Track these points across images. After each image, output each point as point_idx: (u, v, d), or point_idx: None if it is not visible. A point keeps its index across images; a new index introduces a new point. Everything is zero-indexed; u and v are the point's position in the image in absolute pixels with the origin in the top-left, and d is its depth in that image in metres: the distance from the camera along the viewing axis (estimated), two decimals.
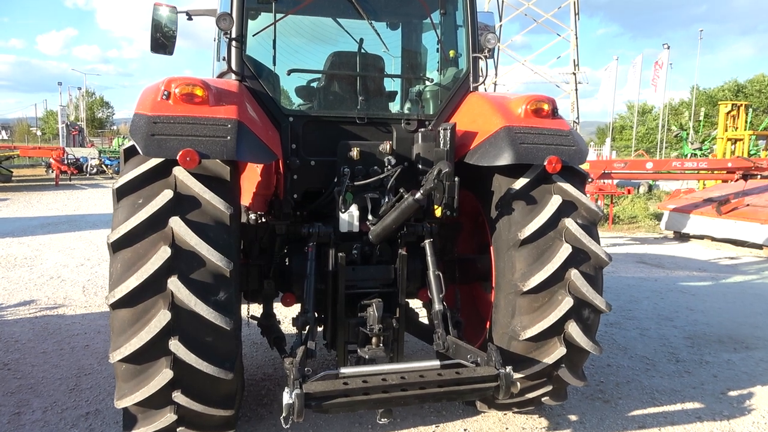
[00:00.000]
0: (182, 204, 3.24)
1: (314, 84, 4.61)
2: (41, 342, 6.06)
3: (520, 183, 3.85)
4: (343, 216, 4.00)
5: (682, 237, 14.61)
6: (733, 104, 21.47)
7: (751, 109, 22.12)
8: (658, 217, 17.17)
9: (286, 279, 4.26)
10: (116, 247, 3.16)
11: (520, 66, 26.46)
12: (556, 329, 3.75)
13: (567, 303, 3.70)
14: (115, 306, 3.11)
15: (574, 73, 23.70)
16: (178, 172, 3.27)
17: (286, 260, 4.34)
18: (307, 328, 3.64)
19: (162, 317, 3.07)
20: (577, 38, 23.10)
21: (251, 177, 4.53)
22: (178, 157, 3.13)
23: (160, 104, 3.38)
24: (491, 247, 4.18)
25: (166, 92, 3.41)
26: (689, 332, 6.89)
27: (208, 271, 3.20)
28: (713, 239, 13.78)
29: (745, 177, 13.44)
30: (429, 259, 4.00)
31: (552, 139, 3.88)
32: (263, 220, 4.42)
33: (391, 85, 4.74)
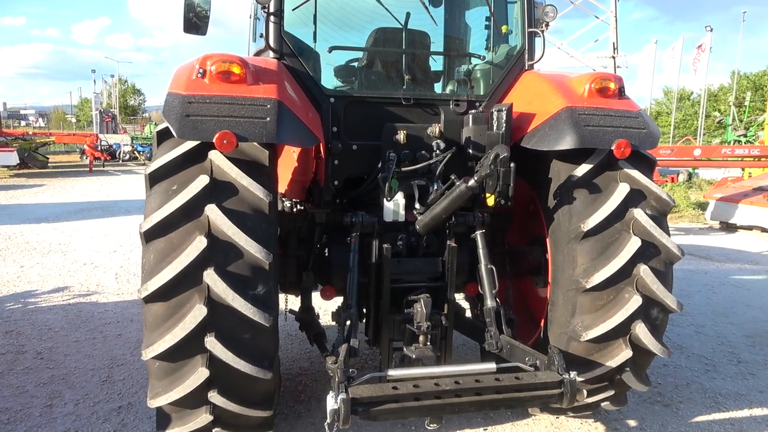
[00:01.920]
0: (219, 191, 3.01)
1: (356, 62, 4.32)
2: (74, 330, 5.96)
3: (582, 169, 3.51)
4: (388, 204, 3.72)
5: (729, 227, 13.93)
6: None
7: None
8: (701, 206, 16.44)
9: (326, 271, 4.01)
10: (149, 236, 2.94)
11: (555, 50, 25.63)
12: (622, 330, 3.42)
13: (635, 302, 3.37)
14: (148, 300, 2.90)
15: (614, 57, 22.83)
16: (215, 156, 3.04)
17: (326, 251, 4.08)
18: (350, 324, 3.39)
19: (198, 312, 2.85)
20: (616, 20, 22.24)
21: (287, 162, 4.29)
22: (214, 140, 2.89)
23: (195, 83, 3.14)
24: (547, 240, 3.85)
25: (201, 70, 3.17)
26: (749, 330, 6.45)
27: (246, 263, 2.96)
28: (763, 230, 13.10)
29: None
30: (481, 251, 3.70)
31: (620, 121, 3.52)
32: (300, 207, 4.16)
33: (439, 63, 4.41)
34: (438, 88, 4.35)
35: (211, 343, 2.88)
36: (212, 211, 2.92)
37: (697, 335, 6.24)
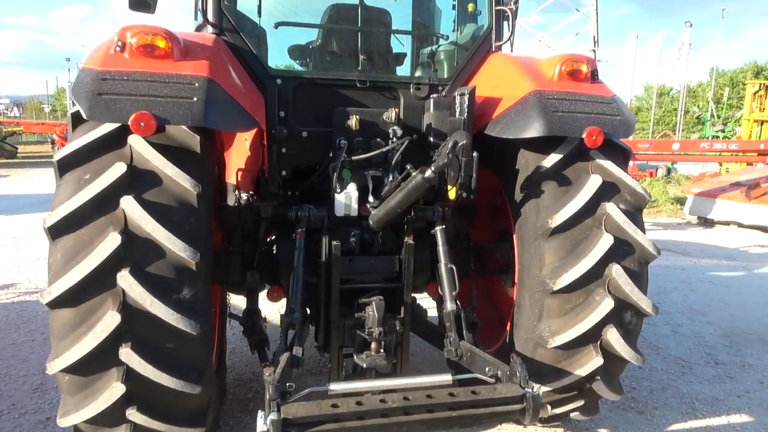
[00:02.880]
0: (138, 181, 2.65)
1: (308, 41, 3.95)
2: (13, 331, 5.53)
3: (551, 160, 3.21)
4: (339, 197, 3.37)
5: (706, 222, 13.84)
6: (761, 84, 20.39)
7: None
8: (679, 201, 16.40)
9: (273, 269, 3.66)
10: (55, 232, 2.58)
11: (536, 43, 25.43)
12: (593, 336, 3.13)
13: (606, 305, 3.07)
14: (53, 305, 2.54)
15: (594, 50, 22.68)
16: (135, 141, 2.68)
17: (274, 248, 3.73)
18: (293, 331, 3.05)
19: (110, 320, 2.50)
20: (597, 13, 22.07)
21: (240, 150, 3.93)
22: (129, 122, 2.52)
23: (112, 57, 2.76)
24: (514, 236, 3.54)
25: (120, 43, 2.79)
26: (726, 329, 6.24)
27: (169, 263, 2.62)
28: (741, 225, 13.02)
29: None
30: (440, 249, 3.37)
31: (592, 106, 3.21)
32: (246, 200, 3.79)
33: (399, 44, 4.06)
34: (398, 70, 4.00)
35: (127, 354, 2.52)
36: (129, 204, 2.56)
37: (674, 335, 6.00)
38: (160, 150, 2.70)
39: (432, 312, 4.04)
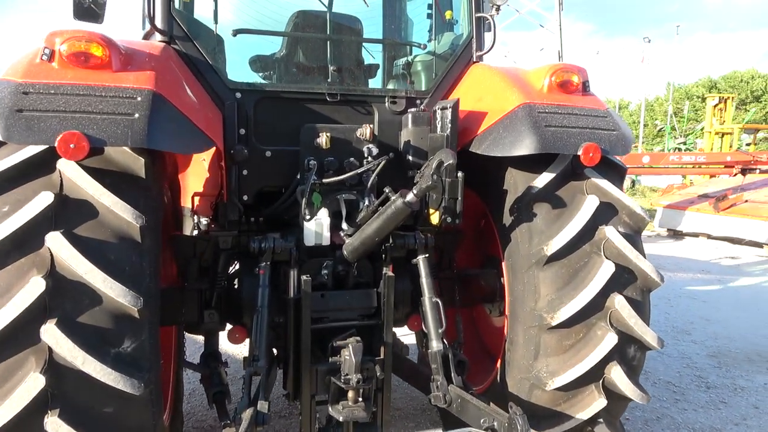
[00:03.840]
0: (69, 213, 2.25)
1: (272, 51, 3.58)
2: None
3: (543, 179, 2.91)
4: (309, 225, 2.99)
5: (676, 234, 13.89)
6: (720, 97, 20.88)
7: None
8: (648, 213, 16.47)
9: (235, 307, 3.23)
10: None
11: (501, 59, 25.62)
12: (595, 375, 2.82)
13: (609, 340, 2.78)
14: None
15: None
16: (66, 166, 2.28)
17: (235, 283, 3.31)
18: (258, 381, 2.64)
19: (32, 384, 2.07)
20: (561, 28, 22.35)
21: (197, 172, 3.55)
22: (56, 144, 2.12)
23: (37, 68, 2.36)
24: (502, 264, 3.22)
25: (47, 51, 2.39)
26: (712, 349, 6.03)
27: (106, 311, 2.23)
28: (710, 237, 13.08)
29: (744, 171, 12.75)
30: (423, 281, 3.01)
31: (586, 120, 2.93)
32: (203, 229, 3.38)
33: (373, 54, 3.72)
34: (372, 82, 3.66)
35: (54, 424, 2.09)
36: (56, 241, 2.15)
37: (661, 357, 5.76)
38: (96, 176, 2.31)
39: (413, 345, 3.67)
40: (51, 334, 2.09)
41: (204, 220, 3.41)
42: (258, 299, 2.79)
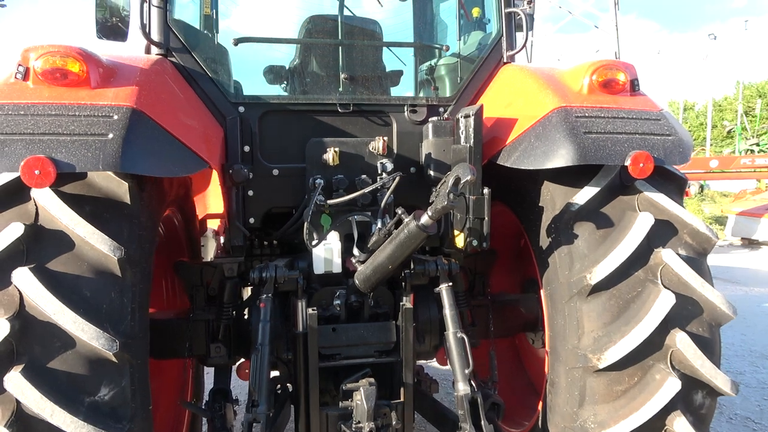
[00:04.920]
0: (41, 246, 2.08)
1: (278, 61, 3.32)
2: None
3: (584, 194, 2.50)
4: (317, 250, 2.68)
5: (751, 244, 12.78)
6: None
7: None
8: (717, 220, 15.35)
9: (244, 341, 2.96)
10: None
11: (555, 63, 24.78)
12: (653, 427, 2.36)
13: (671, 386, 2.32)
14: None
15: None
16: (40, 194, 2.07)
17: (245, 313, 3.05)
18: (261, 427, 2.34)
19: None
20: (617, 28, 21.35)
21: (212, 193, 3.32)
22: (20, 170, 1.90)
23: (11, 87, 2.22)
24: (541, 291, 2.81)
25: (22, 68, 2.21)
26: None
27: (79, 354, 2.02)
28: None
29: None
30: (448, 313, 2.63)
31: (635, 125, 2.50)
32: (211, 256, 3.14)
33: (390, 59, 3.39)
34: (389, 90, 3.34)
35: None
36: (23, 279, 1.96)
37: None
38: (73, 203, 2.12)
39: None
40: (15, 383, 1.89)
41: (211, 248, 3.19)
42: (258, 336, 2.50)
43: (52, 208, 2.08)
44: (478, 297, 3.30)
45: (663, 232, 2.47)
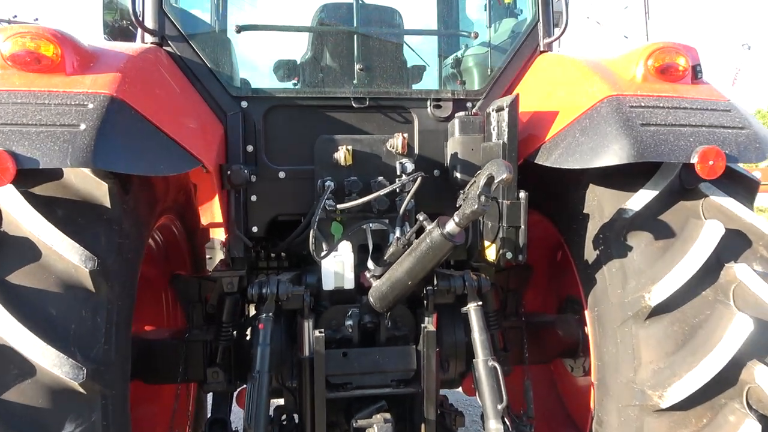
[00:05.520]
0: (4, 255, 1.82)
1: (287, 51, 3.03)
2: None
3: (640, 199, 2.16)
4: (327, 263, 2.35)
5: None
6: None
7: None
8: None
9: (245, 364, 2.64)
10: None
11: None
12: None
13: (749, 429, 1.93)
14: None
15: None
16: (4, 194, 1.80)
17: (247, 333, 2.73)
18: None
19: None
20: (647, 38, 20.67)
21: (215, 197, 3.02)
22: None
23: None
24: (585, 312, 2.43)
25: None
26: None
27: (40, 384, 1.74)
28: None
29: None
30: (476, 337, 2.28)
31: (701, 116, 2.14)
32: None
33: (412, 50, 3.07)
34: (411, 82, 3.02)
35: None
36: None
37: None
38: (43, 207, 1.86)
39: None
40: None
41: (221, 258, 2.89)
42: (256, 362, 2.17)
43: (16, 211, 1.81)
44: (510, 318, 2.94)
45: (734, 243, 2.10)
